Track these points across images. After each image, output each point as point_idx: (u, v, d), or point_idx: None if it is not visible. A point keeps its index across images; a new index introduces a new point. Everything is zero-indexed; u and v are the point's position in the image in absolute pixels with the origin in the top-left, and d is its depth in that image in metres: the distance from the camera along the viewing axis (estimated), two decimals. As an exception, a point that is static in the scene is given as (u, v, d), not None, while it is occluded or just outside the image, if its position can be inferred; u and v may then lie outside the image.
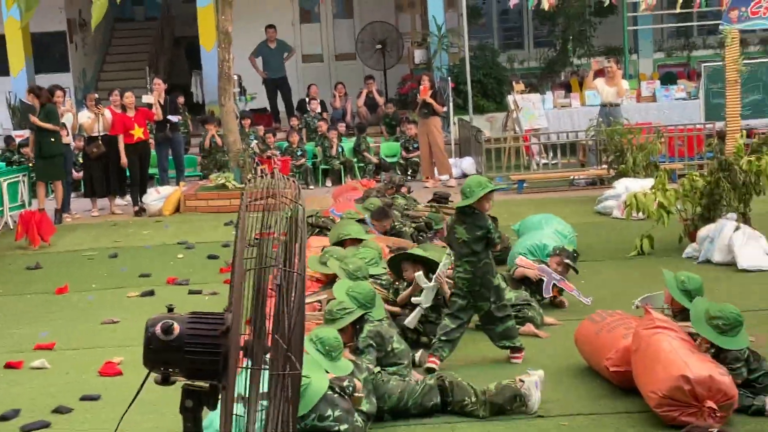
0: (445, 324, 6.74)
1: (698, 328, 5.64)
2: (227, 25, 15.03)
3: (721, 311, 5.61)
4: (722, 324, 5.56)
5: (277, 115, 20.18)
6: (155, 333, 3.49)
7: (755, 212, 9.99)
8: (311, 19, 22.76)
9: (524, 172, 15.44)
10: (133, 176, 15.02)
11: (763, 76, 16.14)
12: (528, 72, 21.49)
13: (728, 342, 5.56)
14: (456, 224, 6.76)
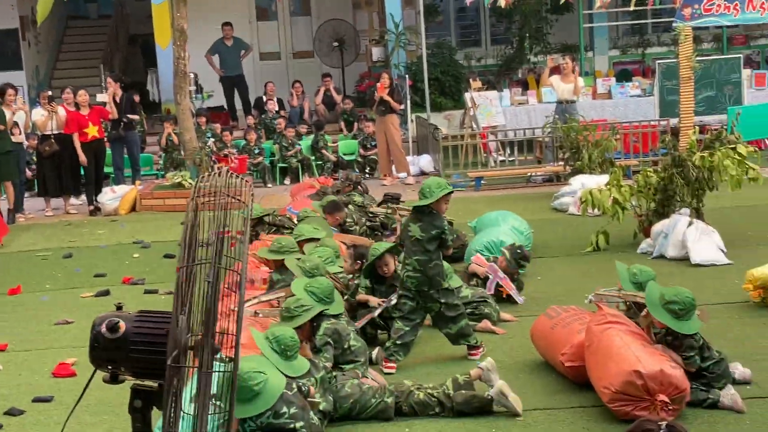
0: (398, 327, 6.73)
1: (655, 313, 5.69)
2: (182, 22, 14.92)
3: (677, 295, 5.67)
4: (678, 308, 5.62)
5: (234, 113, 20.06)
6: (101, 331, 3.46)
7: (708, 207, 10.11)
8: (268, 16, 22.66)
9: (481, 169, 15.49)
10: (87, 175, 14.86)
11: (716, 72, 16.33)
12: (485, 69, 21.56)
13: (684, 326, 5.62)
14: (411, 222, 6.77)
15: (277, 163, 17.29)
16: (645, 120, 15.69)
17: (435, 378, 6.26)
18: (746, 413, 5.48)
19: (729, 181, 9.52)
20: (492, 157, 16.14)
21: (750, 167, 9.57)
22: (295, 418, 5.18)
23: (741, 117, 11.68)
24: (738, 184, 9.54)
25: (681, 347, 5.64)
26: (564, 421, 5.57)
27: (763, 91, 17.75)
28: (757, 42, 21.53)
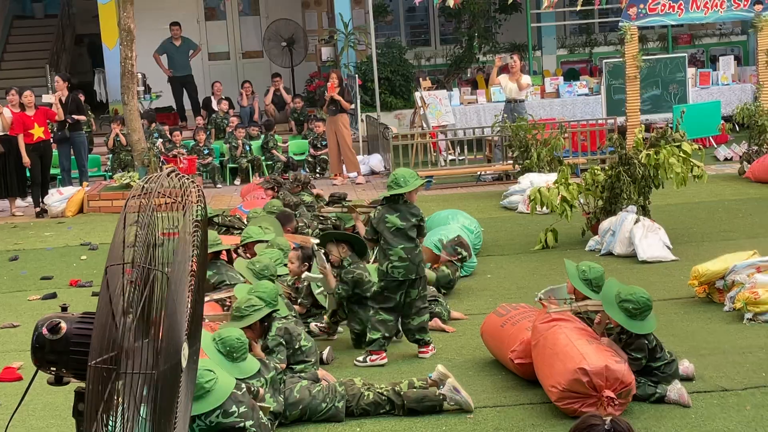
0: (384, 319, 6.78)
1: (609, 310, 5.74)
2: (129, 22, 14.78)
3: (633, 294, 5.72)
4: (632, 308, 5.68)
5: (183, 113, 19.91)
6: (42, 332, 3.42)
7: (654, 205, 10.25)
8: (217, 16, 22.52)
9: (432, 168, 15.53)
10: (33, 177, 14.64)
11: (661, 71, 16.55)
12: (435, 69, 21.64)
13: (637, 326, 5.68)
14: (387, 214, 6.79)
15: (227, 164, 17.20)
16: (592, 119, 15.85)
17: (386, 377, 6.29)
18: (692, 407, 5.57)
19: (674, 178, 9.66)
20: (442, 156, 16.20)
21: (695, 165, 9.73)
22: (245, 417, 5.17)
23: (685, 115, 11.88)
24: (683, 181, 9.69)
25: (631, 346, 5.70)
26: (513, 418, 5.62)
27: (707, 89, 18.04)
28: (701, 41, 21.86)
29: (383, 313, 6.82)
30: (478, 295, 8.44)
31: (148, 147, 15.21)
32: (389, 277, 6.77)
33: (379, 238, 6.86)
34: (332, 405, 5.69)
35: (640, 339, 5.70)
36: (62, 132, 15.49)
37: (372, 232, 6.93)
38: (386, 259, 6.78)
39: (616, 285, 5.91)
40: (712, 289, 7.70)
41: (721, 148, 15.67)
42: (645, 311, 5.71)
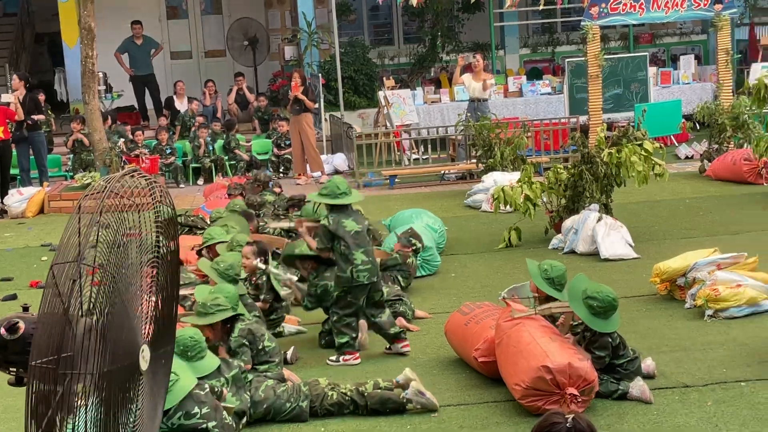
0: (348, 323, 6.82)
1: (573, 304, 5.77)
2: (90, 20, 14.64)
3: (599, 293, 5.73)
4: (597, 305, 5.70)
5: (145, 112, 19.76)
6: (0, 332, 3.38)
7: (617, 203, 10.32)
8: (179, 15, 22.37)
9: (395, 167, 15.54)
10: (-7, 177, 14.48)
11: (623, 70, 16.68)
12: (398, 68, 21.65)
13: (599, 324, 5.71)
14: (343, 219, 6.77)
15: (189, 164, 17.09)
16: (555, 117, 15.94)
17: (350, 376, 6.28)
18: (653, 404, 5.62)
19: (636, 177, 9.73)
20: (406, 155, 16.21)
21: (656, 163, 9.80)
22: (207, 418, 5.14)
23: (647, 114, 11.98)
24: (645, 179, 9.76)
25: (595, 344, 5.73)
26: (478, 416, 5.63)
27: (668, 88, 18.21)
28: (662, 40, 22.05)
29: (347, 318, 6.82)
30: (442, 293, 8.45)
31: (109, 147, 15.08)
32: (355, 282, 6.75)
33: (334, 247, 6.81)
34: (296, 405, 5.68)
35: (604, 337, 5.73)
36: (20, 132, 15.30)
37: (326, 241, 6.83)
38: (349, 264, 6.75)
39: (584, 281, 5.93)
40: (673, 286, 7.77)
41: (682, 146, 15.82)
42: (609, 310, 5.73)
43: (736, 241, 9.29)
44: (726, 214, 11.02)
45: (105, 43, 17.24)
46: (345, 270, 6.76)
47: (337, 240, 6.77)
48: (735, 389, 5.78)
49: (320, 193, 6.87)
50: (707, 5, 15.25)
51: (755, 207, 11.30)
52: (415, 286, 8.63)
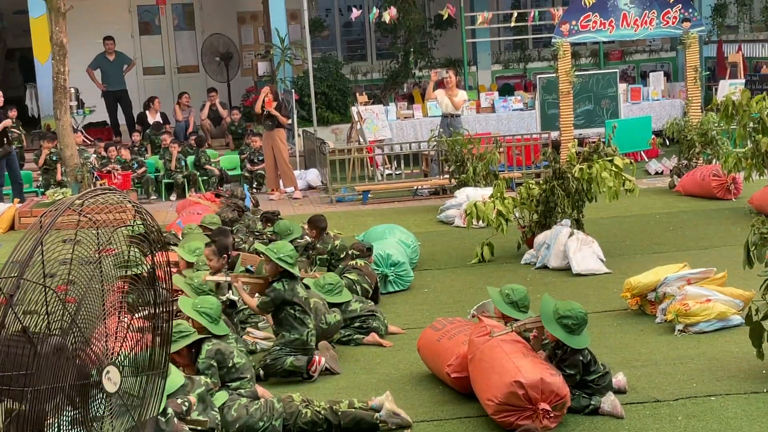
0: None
1: (548, 326, 5.80)
2: (62, 36, 14.58)
3: (571, 310, 5.79)
4: (571, 323, 5.75)
5: (117, 128, 19.68)
6: None
7: (588, 218, 10.39)
8: (152, 30, 22.32)
9: (369, 182, 15.56)
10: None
11: (593, 87, 16.82)
12: (371, 83, 21.70)
13: (575, 341, 5.76)
14: (295, 284, 6.91)
15: (162, 179, 17.03)
16: (527, 133, 16.03)
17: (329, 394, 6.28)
18: (625, 419, 5.66)
19: (607, 192, 9.79)
20: (379, 170, 16.25)
21: (626, 179, 9.87)
22: None
23: (617, 130, 12.06)
24: (615, 195, 9.83)
25: (566, 362, 5.77)
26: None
27: (638, 104, 18.39)
28: (632, 57, 22.26)
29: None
30: (415, 309, 8.47)
31: (81, 163, 15.01)
32: (308, 345, 6.83)
33: (285, 311, 6.82)
34: (269, 423, 5.65)
35: (575, 355, 5.77)
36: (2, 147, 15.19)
37: (272, 305, 6.84)
38: (305, 328, 6.82)
39: (551, 301, 5.97)
40: (644, 301, 7.83)
41: (652, 162, 15.96)
42: (582, 325, 5.80)
43: (706, 256, 9.39)
44: (695, 229, 11.13)
45: (77, 58, 17.19)
46: (301, 333, 6.80)
47: (290, 305, 6.81)
48: (705, 404, 5.83)
49: (279, 257, 6.82)
50: (676, 23, 15.42)
51: (724, 222, 11.42)
52: (387, 301, 8.65)
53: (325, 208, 14.57)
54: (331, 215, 13.28)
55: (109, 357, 4.35)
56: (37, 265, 4.05)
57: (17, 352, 3.73)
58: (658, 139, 17.23)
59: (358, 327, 7.58)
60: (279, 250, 6.86)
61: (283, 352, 6.79)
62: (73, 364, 4.13)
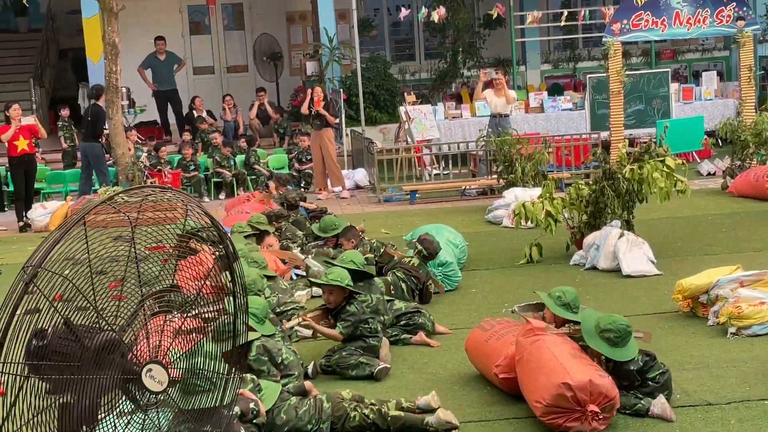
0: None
1: (591, 341, 5.72)
2: (114, 36, 14.76)
3: (612, 324, 5.70)
4: (614, 337, 5.67)
5: (167, 127, 19.89)
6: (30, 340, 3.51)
7: (638, 219, 10.28)
8: (202, 30, 22.53)
9: (416, 182, 15.55)
10: (17, 191, 14.61)
11: (644, 86, 16.65)
12: (419, 83, 21.69)
13: (620, 353, 5.67)
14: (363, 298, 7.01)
15: (211, 178, 17.18)
16: (576, 133, 15.91)
17: (376, 392, 6.27)
18: (676, 422, 5.58)
19: (658, 193, 9.68)
20: (426, 170, 16.23)
21: (678, 179, 9.76)
22: None
23: (669, 130, 11.90)
24: (667, 196, 9.71)
25: (618, 373, 5.68)
26: (499, 433, 5.62)
27: (690, 104, 18.16)
28: (684, 56, 22.01)
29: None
30: (462, 309, 8.43)
31: (132, 161, 15.18)
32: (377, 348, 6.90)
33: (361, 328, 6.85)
34: (317, 426, 5.64)
35: (624, 366, 5.69)
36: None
37: (353, 329, 6.82)
38: (374, 338, 6.89)
39: (593, 315, 5.89)
40: (696, 303, 7.72)
41: (704, 162, 15.76)
42: (626, 337, 5.70)
43: (760, 258, 9.23)
44: (749, 231, 10.95)
45: (128, 58, 17.39)
46: (368, 340, 6.86)
47: (364, 322, 6.87)
48: (758, 407, 5.73)
49: (348, 283, 6.87)
50: (729, 22, 15.21)
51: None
52: (435, 301, 8.62)
53: (372, 207, 14.59)
54: (378, 215, 13.32)
55: (157, 355, 4.39)
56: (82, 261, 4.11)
57: (67, 344, 3.80)
58: (711, 139, 16.98)
59: (404, 325, 7.55)
60: (339, 275, 6.88)
61: (349, 352, 6.78)
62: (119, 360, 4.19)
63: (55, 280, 4.02)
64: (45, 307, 4.02)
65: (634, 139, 15.51)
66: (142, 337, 4.38)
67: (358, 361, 6.72)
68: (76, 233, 4.23)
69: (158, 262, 4.68)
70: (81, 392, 3.90)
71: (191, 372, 4.53)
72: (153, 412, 4.32)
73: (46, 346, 3.53)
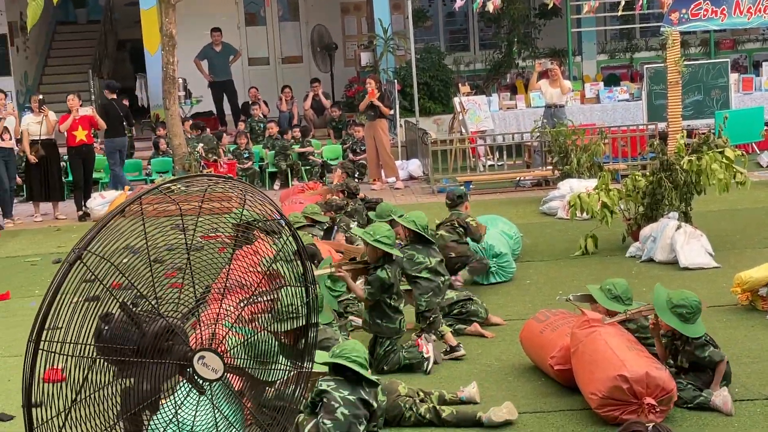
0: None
1: (663, 316, 5.73)
2: (171, 27, 14.91)
3: (685, 299, 5.72)
4: (686, 312, 5.68)
5: (223, 118, 20.07)
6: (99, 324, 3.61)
7: (696, 211, 10.15)
8: (257, 21, 22.66)
9: (470, 173, 15.51)
10: (76, 181, 14.85)
11: (703, 77, 16.41)
12: (474, 74, 21.61)
13: (691, 329, 5.69)
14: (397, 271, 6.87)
15: (266, 168, 17.29)
16: (633, 124, 15.75)
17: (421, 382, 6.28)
18: (734, 416, 5.51)
19: (717, 184, 9.56)
20: (481, 161, 16.17)
21: (737, 171, 9.62)
22: None
23: (728, 121, 11.71)
24: (726, 187, 9.58)
25: (695, 348, 5.68)
26: (554, 425, 5.59)
27: (750, 95, 17.85)
28: (744, 46, 21.64)
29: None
30: (517, 300, 8.41)
31: (188, 151, 15.33)
32: (400, 333, 6.81)
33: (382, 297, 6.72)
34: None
35: (699, 340, 5.72)
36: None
37: (378, 293, 6.68)
38: (399, 315, 6.79)
39: (664, 291, 5.88)
40: (755, 296, 7.61)
41: (764, 154, 15.51)
42: (697, 314, 5.74)
43: (821, 252, 9.08)
44: (810, 224, 10.76)
45: (185, 49, 17.55)
46: (394, 321, 6.74)
47: (388, 293, 6.72)
48: (819, 402, 5.64)
49: (376, 239, 6.67)
50: (792, 10, 14.89)
51: (841, 216, 11.02)
52: (489, 292, 8.60)
53: (426, 198, 14.58)
54: (432, 205, 13.29)
55: (212, 343, 4.44)
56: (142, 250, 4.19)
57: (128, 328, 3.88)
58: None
59: (457, 314, 7.54)
60: (375, 232, 6.71)
61: (390, 345, 6.76)
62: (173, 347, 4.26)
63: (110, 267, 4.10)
64: (103, 294, 4.11)
65: (692, 130, 15.29)
66: (200, 325, 4.44)
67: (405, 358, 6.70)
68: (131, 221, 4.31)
69: (215, 251, 4.73)
70: (140, 376, 3.98)
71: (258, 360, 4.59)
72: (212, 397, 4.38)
73: (110, 330, 3.62)
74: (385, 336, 6.74)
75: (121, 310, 4.10)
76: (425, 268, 7.08)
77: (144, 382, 4.07)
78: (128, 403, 3.93)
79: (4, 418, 6.18)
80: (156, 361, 4.15)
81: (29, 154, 14.33)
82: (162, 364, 4.18)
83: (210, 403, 4.33)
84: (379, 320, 6.74)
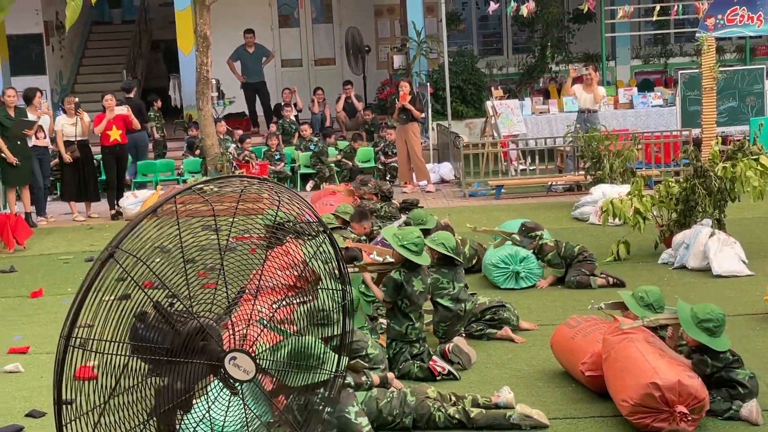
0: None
1: (690, 332, 5.67)
2: (205, 28, 14.98)
3: (710, 313, 5.66)
4: (713, 326, 5.62)
5: (255, 119, 20.15)
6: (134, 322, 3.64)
7: (730, 218, 10.06)
8: (290, 23, 22.75)
9: (502, 177, 15.47)
10: (109, 179, 14.96)
11: (738, 83, 16.25)
12: (507, 78, 21.56)
13: (719, 343, 5.62)
14: (413, 276, 6.74)
15: (297, 170, 17.34)
16: (667, 130, 15.64)
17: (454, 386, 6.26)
18: (761, 425, 5.45)
19: (751, 192, 9.47)
20: (513, 165, 16.12)
21: (772, 178, 9.52)
22: None
23: (764, 128, 11.63)
24: (760, 195, 9.49)
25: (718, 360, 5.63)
26: (584, 431, 5.56)
27: (786, 102, 17.66)
28: (780, 53, 21.45)
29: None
30: (547, 305, 8.37)
31: (221, 152, 15.40)
32: (406, 339, 6.71)
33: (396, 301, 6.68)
34: (400, 420, 5.64)
35: (720, 354, 5.63)
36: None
37: (393, 294, 6.65)
38: (407, 321, 6.70)
39: (687, 306, 5.81)
40: (789, 305, 7.53)
41: (799, 161, 15.32)
42: (722, 326, 5.67)
43: None
44: None
45: (218, 50, 17.65)
46: (401, 324, 6.71)
47: (401, 296, 6.68)
48: None
49: (402, 245, 6.63)
50: (829, 17, 14.73)
51: None
52: (519, 297, 8.57)
53: (458, 202, 14.56)
54: (463, 209, 13.29)
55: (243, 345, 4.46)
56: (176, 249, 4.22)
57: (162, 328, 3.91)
58: (807, 138, 16.53)
59: (489, 320, 7.53)
60: (404, 237, 6.68)
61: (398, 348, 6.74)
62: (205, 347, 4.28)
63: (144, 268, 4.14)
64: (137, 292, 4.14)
65: (727, 137, 15.16)
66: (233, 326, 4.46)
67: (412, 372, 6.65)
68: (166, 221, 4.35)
69: (246, 252, 4.75)
70: (173, 375, 4.00)
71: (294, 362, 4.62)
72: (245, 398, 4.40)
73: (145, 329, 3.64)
74: (391, 338, 6.75)
75: (155, 309, 4.13)
76: (447, 295, 7.09)
77: (177, 381, 4.09)
78: (161, 401, 3.96)
79: (35, 414, 6.23)
80: (187, 361, 4.17)
81: (64, 154, 14.44)
82: (193, 364, 4.20)
83: (241, 403, 4.35)
84: (389, 321, 6.78)
